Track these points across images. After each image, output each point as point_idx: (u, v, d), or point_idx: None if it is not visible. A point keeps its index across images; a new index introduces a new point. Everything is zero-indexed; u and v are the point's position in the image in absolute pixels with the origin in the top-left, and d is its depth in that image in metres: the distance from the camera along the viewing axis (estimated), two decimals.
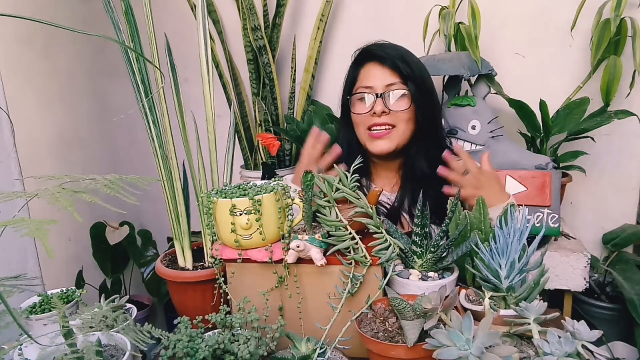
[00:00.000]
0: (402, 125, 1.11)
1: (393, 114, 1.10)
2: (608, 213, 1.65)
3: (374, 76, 1.12)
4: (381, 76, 1.11)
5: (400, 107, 1.10)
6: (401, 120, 1.10)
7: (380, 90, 1.10)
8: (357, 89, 1.14)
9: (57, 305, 0.66)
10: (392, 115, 1.10)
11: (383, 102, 1.09)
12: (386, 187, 1.19)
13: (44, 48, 1.74)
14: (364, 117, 1.12)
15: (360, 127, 1.14)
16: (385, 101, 1.10)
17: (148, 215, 2.14)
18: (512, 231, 0.72)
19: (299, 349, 0.74)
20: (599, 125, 1.39)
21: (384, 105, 1.09)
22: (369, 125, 1.11)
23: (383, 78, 1.11)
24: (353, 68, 1.18)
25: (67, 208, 0.52)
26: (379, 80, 1.11)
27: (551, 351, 0.59)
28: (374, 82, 1.11)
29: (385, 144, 1.11)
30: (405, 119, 1.10)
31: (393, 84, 1.10)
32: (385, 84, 1.10)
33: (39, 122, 1.71)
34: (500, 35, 1.61)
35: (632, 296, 1.36)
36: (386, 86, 1.10)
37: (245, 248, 0.83)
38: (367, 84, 1.12)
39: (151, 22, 0.94)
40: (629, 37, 1.37)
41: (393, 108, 1.10)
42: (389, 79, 1.10)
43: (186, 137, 0.98)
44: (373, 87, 1.11)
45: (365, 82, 1.13)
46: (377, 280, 0.79)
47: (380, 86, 1.10)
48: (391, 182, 1.20)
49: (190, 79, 1.53)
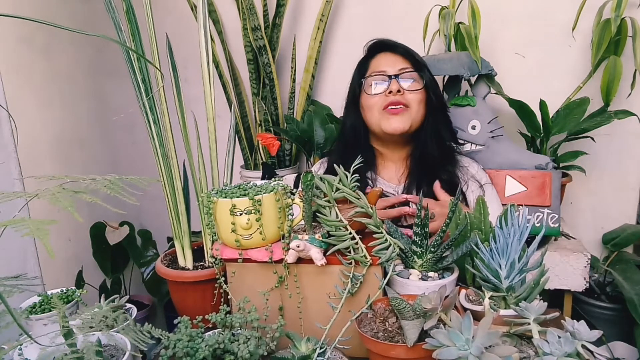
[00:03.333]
0: (415, 106, 1.15)
1: (407, 94, 1.14)
2: (608, 213, 1.65)
3: (387, 62, 1.18)
4: (393, 62, 1.17)
5: (414, 87, 1.15)
6: (414, 101, 1.15)
7: (393, 73, 1.15)
8: (370, 74, 1.19)
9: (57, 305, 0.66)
10: (406, 95, 1.14)
11: (397, 82, 1.14)
12: (392, 178, 1.21)
13: (44, 48, 1.74)
14: (379, 98, 1.15)
15: (374, 110, 1.17)
16: (399, 82, 1.15)
17: (148, 215, 2.14)
18: (512, 231, 0.72)
19: (299, 349, 0.74)
20: (599, 125, 1.39)
21: (399, 85, 1.14)
22: (385, 104, 1.14)
23: (395, 63, 1.17)
24: (364, 60, 1.23)
25: (68, 208, 0.52)
26: (391, 66, 1.16)
27: (551, 351, 0.59)
28: (387, 67, 1.16)
29: (400, 122, 1.14)
30: (417, 99, 1.15)
31: (405, 68, 1.16)
32: (398, 68, 1.16)
33: (39, 122, 1.71)
34: (500, 35, 1.61)
35: (632, 296, 1.36)
36: (399, 70, 1.16)
37: (246, 248, 0.83)
38: (381, 69, 1.17)
39: (151, 22, 0.94)
40: (629, 37, 1.37)
41: (406, 88, 1.15)
42: (401, 64, 1.16)
43: (187, 136, 0.98)
44: (386, 70, 1.16)
45: (379, 67, 1.18)
46: (377, 280, 0.79)
47: (394, 70, 1.16)
48: (397, 172, 1.22)
49: (190, 79, 1.53)
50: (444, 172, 1.16)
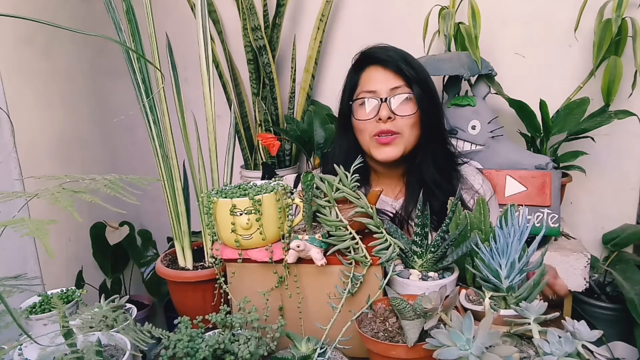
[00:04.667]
0: (407, 131, 1.06)
1: (398, 119, 1.05)
2: (608, 213, 1.65)
3: (377, 80, 1.07)
4: (385, 79, 1.06)
5: (406, 111, 1.05)
6: (406, 126, 1.06)
7: (384, 95, 1.05)
8: (359, 94, 1.09)
9: (57, 305, 0.66)
10: (397, 121, 1.05)
11: (388, 106, 1.05)
12: (389, 194, 1.16)
13: (44, 48, 1.74)
14: (368, 123, 1.07)
15: (365, 134, 1.08)
16: (390, 105, 1.05)
17: (148, 215, 2.14)
18: (512, 231, 0.72)
19: (299, 349, 0.74)
20: (599, 125, 1.39)
21: (389, 110, 1.04)
22: (375, 132, 1.06)
23: (387, 81, 1.06)
24: (353, 73, 1.13)
25: (67, 208, 0.52)
26: (382, 84, 1.06)
27: (551, 351, 0.59)
28: (378, 86, 1.06)
29: (392, 151, 1.06)
30: (410, 124, 1.06)
31: (397, 87, 1.05)
32: (389, 87, 1.05)
33: (39, 122, 1.71)
34: (500, 35, 1.61)
35: (632, 296, 1.36)
36: (390, 90, 1.05)
37: (246, 248, 0.83)
38: (370, 88, 1.07)
39: (152, 22, 0.94)
40: (630, 37, 1.37)
41: (398, 113, 1.05)
42: (393, 82, 1.06)
43: (187, 136, 0.98)
44: (377, 91, 1.06)
45: (368, 87, 1.07)
46: (377, 280, 0.79)
47: (385, 90, 1.06)
48: (394, 189, 1.16)
49: (190, 79, 1.53)
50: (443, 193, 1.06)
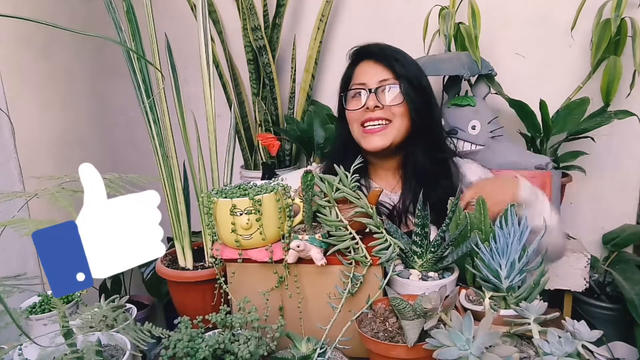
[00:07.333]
0: (398, 121, 1.10)
1: (387, 108, 1.10)
2: (608, 213, 1.65)
3: (368, 73, 1.13)
4: (374, 72, 1.11)
5: (393, 101, 1.10)
6: (396, 115, 1.10)
7: (373, 86, 1.10)
8: (351, 86, 1.15)
9: (57, 305, 0.65)
10: (387, 110, 1.10)
11: (376, 97, 1.09)
12: (386, 187, 1.19)
13: (43, 48, 1.74)
14: (357, 114, 1.12)
15: (354, 124, 1.14)
16: (379, 97, 1.10)
17: None
18: (512, 231, 0.72)
19: (299, 349, 0.74)
20: (599, 125, 1.39)
21: (377, 100, 1.09)
22: (362, 121, 1.11)
23: (376, 74, 1.11)
24: (349, 67, 1.19)
25: (67, 208, 0.52)
26: (372, 77, 1.11)
27: (551, 351, 0.59)
28: (367, 79, 1.12)
29: (379, 140, 1.10)
30: (399, 113, 1.10)
31: (386, 79, 1.10)
32: (378, 79, 1.10)
33: (38, 123, 1.71)
34: (500, 35, 1.61)
35: (632, 296, 1.36)
36: (379, 82, 1.10)
37: (246, 248, 0.83)
38: (361, 81, 1.13)
39: (152, 22, 0.94)
40: (629, 37, 1.37)
41: (385, 102, 1.10)
42: (382, 74, 1.10)
43: (187, 137, 0.98)
44: (366, 83, 1.11)
45: (359, 79, 1.13)
46: (377, 280, 0.79)
47: (374, 82, 1.10)
48: (391, 182, 1.19)
49: (190, 79, 1.52)
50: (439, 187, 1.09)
